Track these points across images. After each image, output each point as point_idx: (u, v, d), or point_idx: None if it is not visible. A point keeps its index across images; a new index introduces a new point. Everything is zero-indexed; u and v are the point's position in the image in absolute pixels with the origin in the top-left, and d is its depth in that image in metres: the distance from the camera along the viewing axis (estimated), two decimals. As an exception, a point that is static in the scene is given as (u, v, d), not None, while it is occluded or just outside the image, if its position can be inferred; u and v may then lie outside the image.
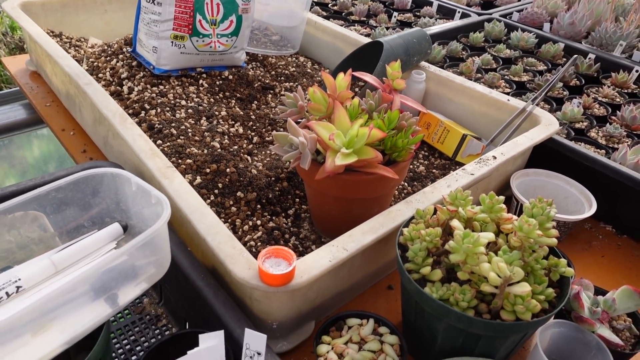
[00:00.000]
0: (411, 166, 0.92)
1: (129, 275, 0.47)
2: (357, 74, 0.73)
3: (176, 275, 0.58)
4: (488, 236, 0.50)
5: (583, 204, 0.83)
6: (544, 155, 0.89)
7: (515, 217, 0.55)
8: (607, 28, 1.35)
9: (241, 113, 0.96)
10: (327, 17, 1.56)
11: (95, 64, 1.05)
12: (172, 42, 0.94)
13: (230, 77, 1.05)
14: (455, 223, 0.52)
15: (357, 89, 1.01)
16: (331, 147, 0.60)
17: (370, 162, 0.62)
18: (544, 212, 0.51)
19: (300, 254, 0.71)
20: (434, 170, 0.91)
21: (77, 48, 1.24)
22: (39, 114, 1.09)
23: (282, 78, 1.14)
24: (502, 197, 0.54)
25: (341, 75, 0.70)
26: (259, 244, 0.70)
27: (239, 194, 0.76)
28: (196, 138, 0.84)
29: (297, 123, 0.73)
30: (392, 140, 0.64)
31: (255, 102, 1.04)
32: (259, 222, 0.74)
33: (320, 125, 0.60)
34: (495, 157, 0.74)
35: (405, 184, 0.87)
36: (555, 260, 0.52)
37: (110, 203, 0.55)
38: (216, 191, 0.76)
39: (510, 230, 0.53)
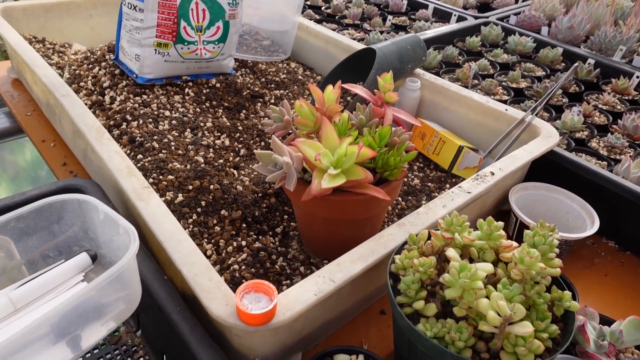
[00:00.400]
0: (405, 179, 0.88)
1: (94, 314, 0.43)
2: (347, 85, 0.69)
3: (152, 306, 0.54)
4: (486, 268, 0.46)
5: (585, 220, 0.79)
6: (544, 168, 0.85)
7: (515, 244, 0.51)
8: (607, 32, 1.31)
9: (228, 124, 0.92)
10: (320, 21, 1.52)
11: (77, 71, 1.00)
12: (155, 49, 0.90)
13: (218, 85, 1.01)
14: (450, 253, 0.48)
15: (349, 98, 0.98)
16: (318, 167, 0.56)
17: (360, 183, 0.58)
18: (546, 241, 0.48)
19: (288, 277, 0.67)
20: (429, 184, 0.87)
21: (60, 54, 1.20)
22: (19, 123, 1.05)
23: (272, 85, 1.10)
24: (501, 223, 0.50)
25: (330, 87, 0.66)
26: (243, 267, 0.66)
27: (223, 212, 0.72)
28: (179, 152, 0.80)
29: (285, 137, 0.69)
30: (383, 158, 0.60)
31: (244, 111, 1.00)
32: (244, 243, 0.70)
33: (306, 144, 0.56)
34: (493, 173, 0.71)
35: (399, 198, 0.83)
36: (559, 294, 0.48)
37: (78, 231, 0.51)
38: (199, 210, 0.72)
39: (509, 259, 0.49)
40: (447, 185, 0.86)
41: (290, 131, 0.67)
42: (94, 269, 0.51)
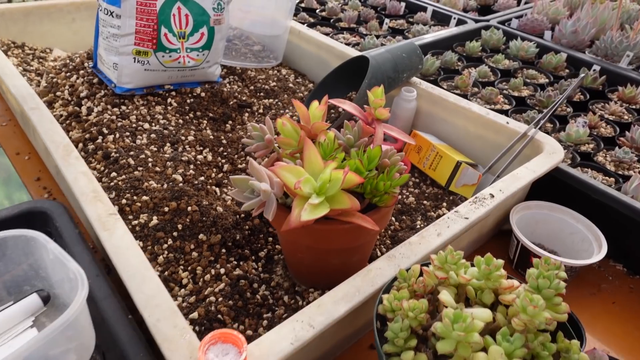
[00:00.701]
0: (400, 196, 0.82)
1: (38, 370, 0.38)
2: (334, 101, 0.63)
3: (115, 348, 0.48)
4: (484, 316, 0.41)
5: (591, 242, 0.73)
6: (548, 185, 0.80)
7: (516, 283, 0.46)
8: (613, 37, 1.25)
9: (211, 137, 0.86)
10: (314, 24, 1.47)
11: (55, 80, 0.95)
12: (134, 58, 0.85)
13: (203, 94, 0.96)
14: (444, 297, 0.43)
15: (341, 109, 0.92)
16: (299, 195, 0.51)
17: (345, 211, 0.52)
18: (552, 284, 0.42)
19: (269, 309, 0.62)
20: (425, 202, 0.82)
21: (41, 60, 1.15)
22: (-6, 134, 0.99)
23: (262, 94, 1.05)
24: (500, 262, 0.45)
25: (315, 104, 0.61)
26: (220, 298, 0.60)
27: (201, 236, 0.67)
28: (157, 169, 0.75)
29: (267, 157, 0.64)
30: (372, 182, 0.55)
31: (230, 122, 0.94)
32: (222, 271, 0.64)
33: (285, 169, 0.50)
34: (492, 196, 0.65)
35: (393, 218, 0.78)
36: (567, 344, 0.43)
37: (28, 269, 0.46)
38: (175, 234, 0.66)
39: (510, 302, 0.44)
40: (444, 204, 0.81)
41: (272, 150, 0.61)
42: (46, 312, 0.45)
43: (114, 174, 0.72)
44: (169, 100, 0.91)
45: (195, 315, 0.57)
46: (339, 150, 0.57)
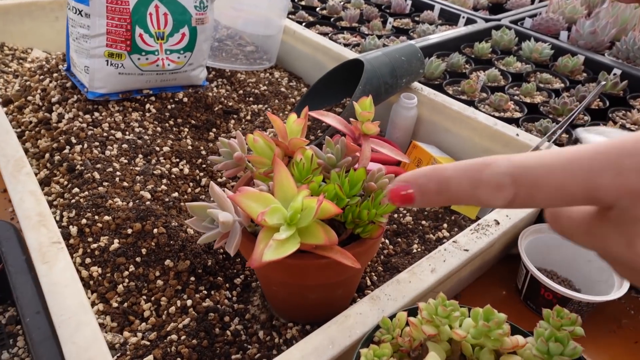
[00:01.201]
0: (395, 215, 0.74)
1: None
2: (315, 114, 0.55)
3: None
4: (479, 391, 0.33)
5: (611, 273, 0.65)
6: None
7: (521, 341, 0.37)
8: (635, 38, 1.16)
9: (190, 147, 0.79)
10: (313, 23, 1.39)
11: (28, 83, 0.89)
12: (107, 60, 0.78)
13: (185, 99, 0.88)
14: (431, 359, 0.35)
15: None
16: (265, 227, 0.43)
17: (321, 245, 0.45)
18: (566, 349, 0.34)
19: (240, 347, 0.54)
20: (424, 222, 0.73)
21: (21, 61, 1.09)
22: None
23: (251, 99, 0.97)
24: (503, 316, 0.37)
25: (293, 117, 0.53)
26: (183, 336, 0.53)
27: (167, 262, 0.60)
28: (124, 184, 0.68)
29: (235, 178, 0.56)
30: (354, 211, 0.47)
31: (214, 129, 0.87)
32: (189, 302, 0.57)
33: (248, 197, 0.43)
34: (498, 222, 0.57)
35: (387, 240, 0.70)
36: None
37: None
38: (138, 259, 0.59)
39: (514, 367, 0.36)
40: (445, 225, 0.73)
41: (244, 169, 0.54)
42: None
43: (76, 189, 0.66)
44: (147, 106, 0.84)
45: (150, 358, 0.49)
46: (318, 172, 0.49)
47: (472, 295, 0.67)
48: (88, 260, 0.58)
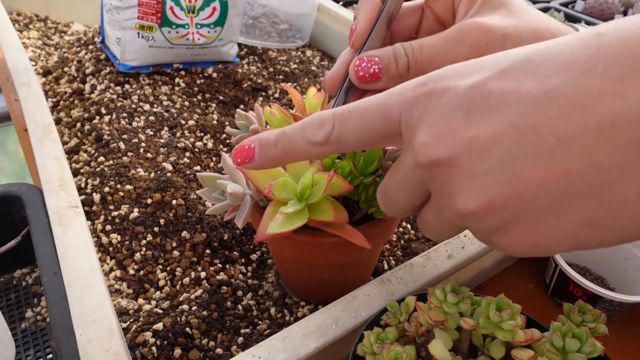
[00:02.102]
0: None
1: None
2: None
3: (57, 362, 0.42)
4: (483, 383, 0.31)
5: (650, 273, 0.60)
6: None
7: (537, 334, 0.35)
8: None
9: (215, 122, 0.79)
10: (350, 2, 1.36)
11: (66, 54, 0.91)
12: (138, 33, 0.78)
13: (215, 75, 0.88)
14: (436, 348, 0.33)
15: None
16: (275, 200, 0.42)
17: (331, 222, 0.43)
18: (583, 346, 0.31)
19: (250, 322, 0.54)
20: (449, 209, 0.70)
21: (62, 34, 1.12)
22: (8, 108, 0.97)
23: (280, 77, 0.96)
24: (517, 307, 0.34)
25: (312, 91, 0.52)
26: (194, 307, 0.53)
27: (184, 233, 0.60)
28: (148, 155, 0.68)
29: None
30: (368, 189, 0.45)
31: (242, 106, 0.87)
32: (203, 275, 0.57)
33: (258, 170, 0.42)
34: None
35: (408, 225, 0.67)
36: None
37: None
38: (156, 229, 0.60)
39: (526, 361, 0.34)
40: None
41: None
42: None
43: (101, 158, 0.67)
44: (176, 80, 0.85)
45: (159, 326, 0.50)
46: (333, 148, 0.48)
47: (496, 287, 0.64)
48: (108, 227, 0.59)
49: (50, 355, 0.55)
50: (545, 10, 1.24)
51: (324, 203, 0.42)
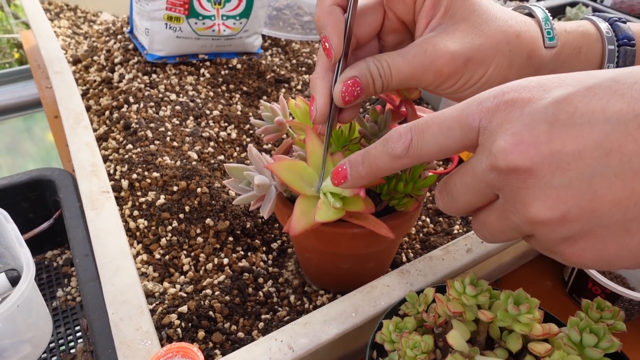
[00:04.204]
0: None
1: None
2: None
3: (87, 337, 0.45)
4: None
5: (672, 274, 0.60)
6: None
7: (554, 328, 0.36)
8: None
9: (239, 113, 0.80)
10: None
11: (95, 44, 0.93)
12: (166, 23, 0.80)
13: (239, 66, 0.90)
14: (454, 339, 0.34)
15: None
16: (302, 194, 0.43)
17: (357, 212, 0.44)
18: (600, 342, 0.32)
19: (271, 309, 0.56)
20: (469, 204, 0.71)
21: (91, 23, 1.14)
22: (40, 95, 1.01)
23: (303, 69, 0.97)
24: (535, 302, 0.35)
25: (336, 83, 0.52)
26: (217, 292, 0.55)
27: (208, 221, 0.62)
28: (174, 144, 0.70)
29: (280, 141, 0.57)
30: (390, 182, 0.46)
31: (265, 97, 0.88)
32: (226, 261, 0.59)
33: (283, 167, 0.43)
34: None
35: (427, 219, 0.68)
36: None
37: (-1, 247, 0.43)
38: (181, 216, 0.62)
39: (542, 355, 0.34)
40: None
41: (284, 135, 0.54)
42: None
43: (130, 145, 0.69)
44: (202, 70, 0.87)
45: (184, 308, 0.52)
46: (356, 140, 0.49)
47: (514, 282, 0.64)
48: (136, 212, 0.62)
49: (80, 333, 0.58)
50: (572, 5, 1.22)
51: (355, 195, 0.43)
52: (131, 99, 0.77)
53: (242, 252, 0.61)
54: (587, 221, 0.24)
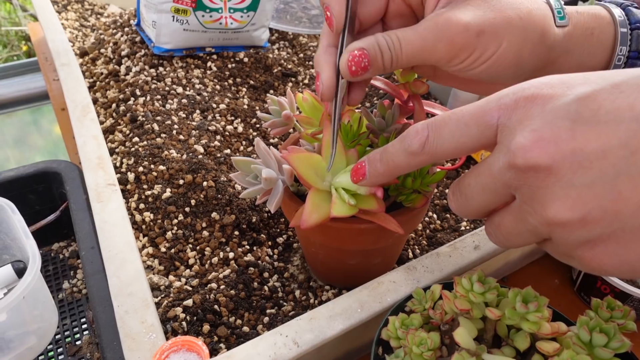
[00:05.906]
0: (447, 190, 0.71)
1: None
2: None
3: (91, 329, 0.45)
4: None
5: (682, 273, 0.59)
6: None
7: (563, 327, 0.35)
8: None
9: (245, 107, 0.80)
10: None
11: (102, 36, 0.93)
12: (173, 16, 0.80)
13: (246, 59, 0.89)
14: (461, 336, 0.34)
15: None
16: (314, 188, 0.43)
17: (368, 210, 0.44)
18: (610, 342, 0.31)
19: (276, 303, 0.55)
20: (476, 200, 0.70)
21: (99, 16, 1.14)
22: (47, 88, 1.01)
23: (310, 63, 0.97)
24: (544, 300, 0.35)
25: (344, 77, 0.52)
26: (222, 286, 0.55)
27: (214, 215, 0.62)
28: (181, 137, 0.70)
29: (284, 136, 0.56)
30: (399, 177, 0.45)
31: (272, 91, 0.88)
32: (231, 255, 0.59)
33: (298, 159, 0.42)
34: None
35: (434, 215, 0.67)
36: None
37: (5, 238, 0.43)
38: (187, 209, 0.62)
39: (550, 354, 0.34)
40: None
41: (292, 129, 0.54)
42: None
43: (136, 138, 0.69)
44: (209, 64, 0.86)
45: (189, 302, 0.52)
46: (365, 135, 0.48)
47: (521, 280, 0.64)
48: (142, 205, 0.61)
49: (85, 325, 0.58)
50: (584, -1, 1.20)
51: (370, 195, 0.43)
52: (138, 92, 0.77)
53: (247, 247, 0.61)
54: (610, 224, 0.23)
